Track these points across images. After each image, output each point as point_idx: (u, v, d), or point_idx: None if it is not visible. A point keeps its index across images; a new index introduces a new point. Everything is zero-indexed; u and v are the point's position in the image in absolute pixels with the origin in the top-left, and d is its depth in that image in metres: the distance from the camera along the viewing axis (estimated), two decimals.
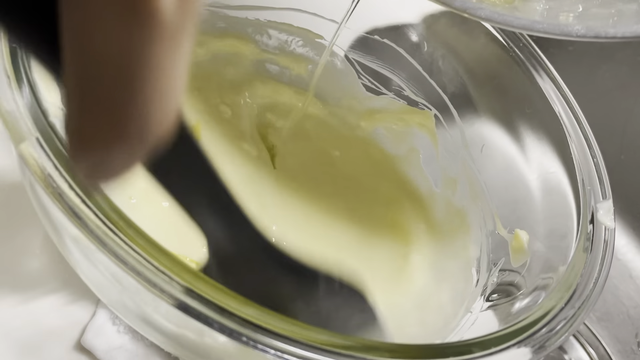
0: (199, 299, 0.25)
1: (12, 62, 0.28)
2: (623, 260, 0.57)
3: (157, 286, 0.25)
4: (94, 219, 0.25)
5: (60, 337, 0.39)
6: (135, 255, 0.25)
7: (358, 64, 0.51)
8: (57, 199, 0.25)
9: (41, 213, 0.31)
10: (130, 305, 0.29)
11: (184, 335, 0.28)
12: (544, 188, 0.42)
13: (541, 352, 0.30)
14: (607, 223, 0.37)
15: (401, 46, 0.50)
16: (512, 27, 0.34)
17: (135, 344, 0.40)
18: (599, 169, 0.40)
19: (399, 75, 0.51)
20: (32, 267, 0.41)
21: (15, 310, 0.39)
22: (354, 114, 0.52)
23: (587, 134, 0.41)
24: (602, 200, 0.38)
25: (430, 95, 0.50)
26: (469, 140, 0.48)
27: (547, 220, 0.41)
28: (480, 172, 0.47)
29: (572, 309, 0.32)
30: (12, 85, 0.27)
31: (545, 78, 0.43)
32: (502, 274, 0.41)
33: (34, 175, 0.26)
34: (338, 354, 0.26)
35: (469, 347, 0.29)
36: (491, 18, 0.34)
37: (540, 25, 0.33)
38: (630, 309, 0.54)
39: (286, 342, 0.25)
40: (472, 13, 0.34)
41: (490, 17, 0.34)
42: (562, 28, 0.33)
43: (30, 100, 0.27)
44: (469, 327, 0.38)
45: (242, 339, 0.25)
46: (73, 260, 0.31)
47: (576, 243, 0.36)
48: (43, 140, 0.26)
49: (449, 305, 0.41)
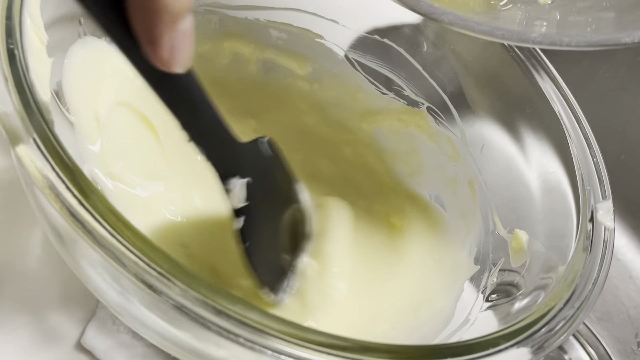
0: (196, 300, 0.25)
1: (10, 63, 0.28)
2: (623, 260, 0.57)
3: (154, 288, 0.25)
4: (91, 220, 0.25)
5: (60, 337, 0.39)
6: (133, 257, 0.25)
7: (358, 63, 0.51)
8: (55, 201, 0.25)
9: (39, 214, 0.31)
10: (128, 306, 0.29)
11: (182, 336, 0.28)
12: (543, 188, 0.42)
13: (541, 353, 0.30)
14: (607, 223, 0.37)
15: (401, 46, 0.49)
16: (473, 32, 0.35)
17: (135, 344, 0.40)
18: (599, 169, 0.40)
19: (399, 75, 0.51)
20: (32, 267, 0.41)
21: (15, 311, 0.39)
22: (354, 114, 0.52)
23: (587, 134, 0.41)
24: (602, 200, 0.38)
25: (430, 95, 0.50)
26: (469, 140, 0.48)
27: (546, 220, 0.41)
28: (480, 172, 0.47)
29: (572, 309, 0.32)
30: (10, 86, 0.27)
31: (545, 78, 0.43)
32: (501, 274, 0.41)
33: (32, 176, 0.26)
34: (336, 355, 0.26)
35: (468, 347, 0.29)
36: (454, 23, 0.35)
37: (500, 31, 0.34)
38: (630, 309, 0.54)
39: (284, 344, 0.25)
40: (436, 17, 0.35)
41: (453, 22, 0.35)
42: (520, 35, 0.34)
43: (28, 102, 0.27)
44: (468, 327, 0.38)
45: (240, 340, 0.25)
46: (71, 261, 0.31)
47: (576, 243, 0.36)
48: (40, 142, 0.26)
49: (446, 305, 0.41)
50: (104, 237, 0.25)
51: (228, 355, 0.27)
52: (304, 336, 0.26)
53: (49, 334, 0.39)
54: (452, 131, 0.49)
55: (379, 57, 0.51)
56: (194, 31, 0.24)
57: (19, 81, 0.28)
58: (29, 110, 0.27)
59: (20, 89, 0.28)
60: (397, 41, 0.49)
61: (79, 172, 0.26)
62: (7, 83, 0.27)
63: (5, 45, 0.28)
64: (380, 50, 0.50)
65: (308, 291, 0.40)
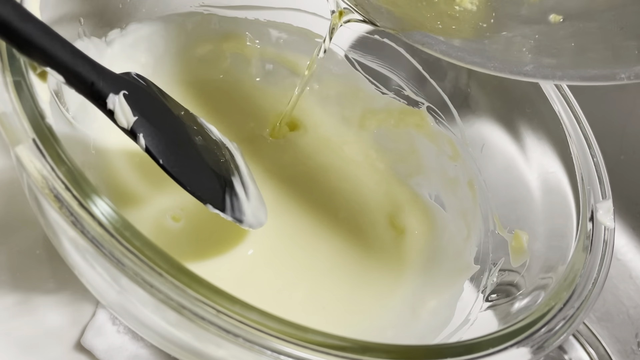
0: (195, 300, 0.25)
1: (10, 64, 0.28)
2: (623, 260, 0.57)
3: (154, 288, 0.25)
4: (90, 220, 0.25)
5: (60, 337, 0.39)
6: (133, 257, 0.25)
7: (358, 63, 0.51)
8: (54, 201, 0.25)
9: (39, 214, 0.31)
10: (128, 306, 0.29)
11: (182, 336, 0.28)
12: (543, 188, 0.42)
13: (540, 352, 0.30)
14: (607, 223, 0.37)
15: (401, 46, 0.49)
16: (464, 63, 0.34)
17: (135, 344, 0.40)
18: (599, 169, 0.40)
19: (399, 75, 0.51)
20: (32, 267, 0.41)
21: (15, 310, 0.39)
22: (354, 114, 0.52)
23: (587, 134, 0.41)
24: (602, 200, 0.38)
25: (430, 95, 0.50)
26: (469, 140, 0.48)
27: (546, 220, 0.40)
28: (480, 172, 0.47)
29: (572, 308, 0.32)
30: (9, 86, 0.27)
31: None
32: (501, 274, 0.41)
33: (31, 177, 0.26)
34: (336, 355, 0.26)
35: (468, 347, 0.29)
36: (447, 54, 0.35)
37: (492, 63, 0.34)
38: (630, 309, 0.54)
39: (283, 344, 0.25)
40: (429, 48, 0.35)
41: (446, 53, 0.35)
42: (512, 68, 0.33)
43: (27, 102, 0.27)
44: (468, 327, 0.38)
45: (239, 340, 0.25)
46: (71, 262, 0.31)
47: (576, 243, 0.36)
48: (40, 142, 0.26)
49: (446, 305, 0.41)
50: (103, 237, 0.25)
51: (227, 356, 0.27)
52: (303, 336, 0.26)
53: (49, 334, 0.39)
54: (452, 131, 0.49)
55: (379, 57, 0.51)
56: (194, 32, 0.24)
57: (18, 81, 0.28)
58: (29, 110, 0.27)
59: (20, 89, 0.28)
60: (397, 41, 0.49)
61: (79, 172, 0.26)
62: (6, 83, 0.27)
63: (5, 45, 0.28)
64: (380, 50, 0.50)
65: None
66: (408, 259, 0.46)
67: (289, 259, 0.43)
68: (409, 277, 0.45)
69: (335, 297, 0.42)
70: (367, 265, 0.44)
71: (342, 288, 0.42)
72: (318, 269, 0.43)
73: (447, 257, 0.46)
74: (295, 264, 0.42)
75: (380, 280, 0.44)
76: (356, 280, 0.43)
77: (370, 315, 0.42)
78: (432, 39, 0.35)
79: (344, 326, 0.40)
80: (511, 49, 0.35)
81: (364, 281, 0.43)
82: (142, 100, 0.34)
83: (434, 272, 0.45)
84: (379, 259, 0.45)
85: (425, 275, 0.45)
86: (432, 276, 0.45)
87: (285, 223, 0.44)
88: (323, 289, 0.42)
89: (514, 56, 0.34)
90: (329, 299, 0.42)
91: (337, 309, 0.41)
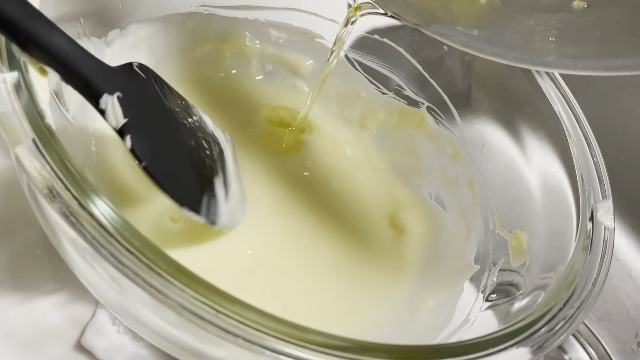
0: (195, 300, 0.25)
1: (9, 64, 0.28)
2: (623, 260, 0.57)
3: (153, 288, 0.25)
4: (90, 220, 0.25)
5: (60, 337, 0.39)
6: (132, 258, 0.25)
7: (358, 63, 0.51)
8: (54, 201, 0.25)
9: (38, 214, 0.31)
10: (128, 306, 0.29)
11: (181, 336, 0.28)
12: (543, 188, 0.42)
13: (540, 352, 0.30)
14: (607, 223, 0.37)
15: (401, 46, 0.50)
16: (484, 54, 0.34)
17: (135, 344, 0.40)
18: (599, 169, 0.40)
19: (399, 75, 0.51)
20: (32, 267, 0.41)
21: (15, 310, 0.39)
22: (354, 114, 0.52)
23: (587, 134, 0.41)
24: (602, 200, 0.38)
25: (430, 95, 0.50)
26: (469, 140, 0.48)
27: (546, 220, 0.40)
28: (480, 172, 0.47)
29: (572, 308, 0.32)
30: (9, 86, 0.27)
31: (546, 78, 0.43)
32: (501, 274, 0.41)
33: (31, 177, 0.26)
34: (335, 355, 0.26)
35: (467, 347, 0.29)
36: (467, 45, 0.34)
37: (513, 54, 0.33)
38: (630, 309, 0.54)
39: (283, 344, 0.25)
40: (449, 39, 0.34)
41: (466, 44, 0.34)
42: (534, 58, 0.33)
43: (27, 102, 0.27)
44: (468, 327, 0.38)
45: (239, 340, 0.25)
46: (71, 262, 0.31)
47: (576, 243, 0.36)
48: (39, 142, 0.26)
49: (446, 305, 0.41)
50: (103, 238, 0.25)
51: (227, 356, 0.27)
52: (303, 336, 0.26)
53: (49, 334, 0.39)
54: (452, 131, 0.49)
55: (379, 57, 0.51)
56: (194, 32, 0.24)
57: (18, 81, 0.28)
58: (28, 110, 0.27)
59: (19, 89, 0.28)
60: (397, 41, 0.49)
61: (78, 172, 0.26)
62: (6, 83, 0.27)
63: (4, 45, 0.28)
64: (380, 50, 0.50)
65: None
66: (408, 259, 0.46)
67: (288, 258, 0.43)
68: (409, 277, 0.45)
69: (334, 296, 0.42)
70: (366, 264, 0.44)
71: (341, 287, 0.42)
72: (317, 269, 0.43)
73: (447, 257, 0.46)
74: (294, 263, 0.42)
75: (380, 279, 0.44)
76: (356, 280, 0.43)
77: (370, 314, 0.42)
78: (452, 30, 0.34)
79: (344, 325, 0.40)
80: (533, 38, 0.34)
81: (363, 280, 0.43)
82: (136, 100, 0.34)
83: (434, 272, 0.45)
84: (378, 259, 0.45)
85: (425, 275, 0.45)
86: (432, 276, 0.45)
87: (285, 222, 0.44)
88: (322, 288, 0.42)
89: (536, 46, 0.34)
90: (329, 298, 0.42)
91: (336, 309, 0.41)
